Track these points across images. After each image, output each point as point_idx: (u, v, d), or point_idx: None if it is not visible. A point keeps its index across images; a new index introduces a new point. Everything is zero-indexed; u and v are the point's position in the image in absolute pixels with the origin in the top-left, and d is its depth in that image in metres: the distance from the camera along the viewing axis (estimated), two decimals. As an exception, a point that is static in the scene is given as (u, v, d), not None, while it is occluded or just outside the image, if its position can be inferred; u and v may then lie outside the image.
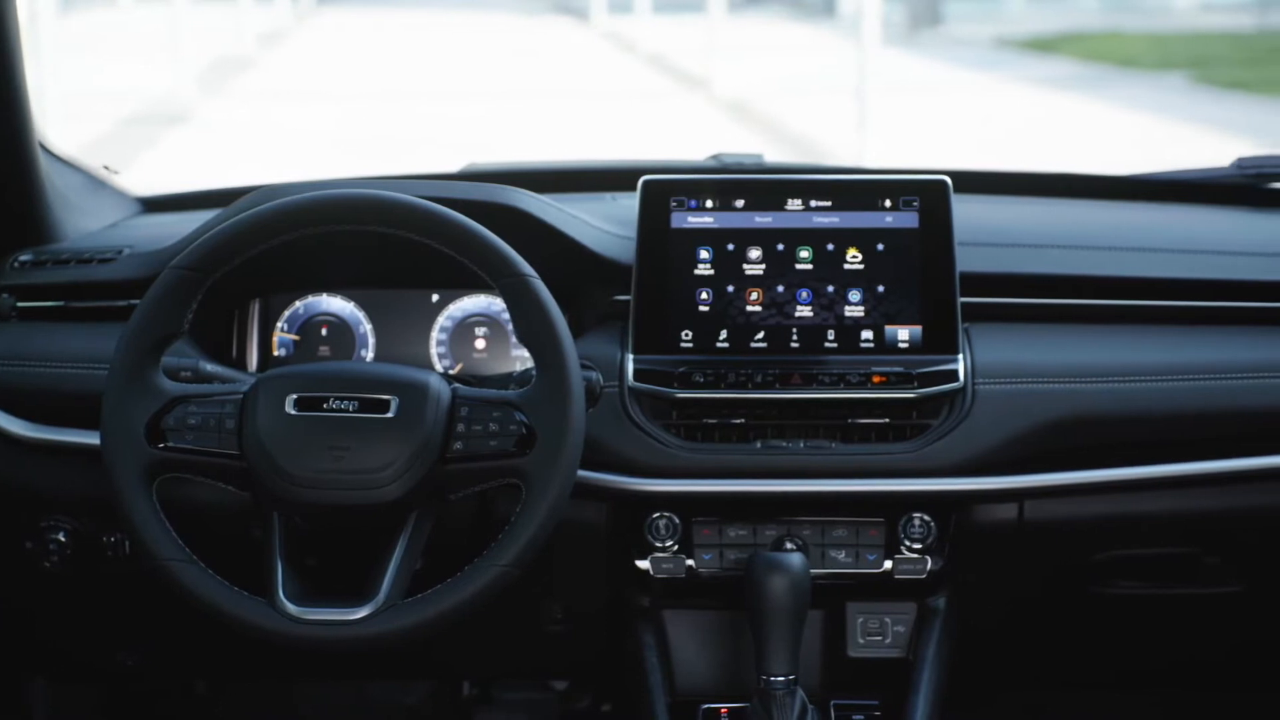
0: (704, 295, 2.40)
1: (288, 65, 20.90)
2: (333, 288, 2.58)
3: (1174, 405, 2.40)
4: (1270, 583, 2.59)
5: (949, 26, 26.03)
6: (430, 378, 2.15)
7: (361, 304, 2.58)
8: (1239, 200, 2.89)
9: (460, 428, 2.12)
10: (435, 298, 2.57)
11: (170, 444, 2.12)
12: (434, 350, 2.57)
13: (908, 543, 2.40)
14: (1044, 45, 22.03)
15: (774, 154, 3.07)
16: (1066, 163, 10.32)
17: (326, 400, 2.11)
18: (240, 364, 2.56)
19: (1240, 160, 2.90)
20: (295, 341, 2.58)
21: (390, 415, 2.10)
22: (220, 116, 15.22)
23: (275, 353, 2.58)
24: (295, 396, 2.12)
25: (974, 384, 2.37)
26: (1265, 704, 3.04)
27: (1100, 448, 2.41)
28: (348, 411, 2.11)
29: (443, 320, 2.57)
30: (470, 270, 2.14)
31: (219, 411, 2.13)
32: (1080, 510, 2.45)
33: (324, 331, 2.58)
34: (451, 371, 2.55)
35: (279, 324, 2.58)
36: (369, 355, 2.57)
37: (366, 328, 2.58)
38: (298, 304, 2.58)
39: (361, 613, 2.08)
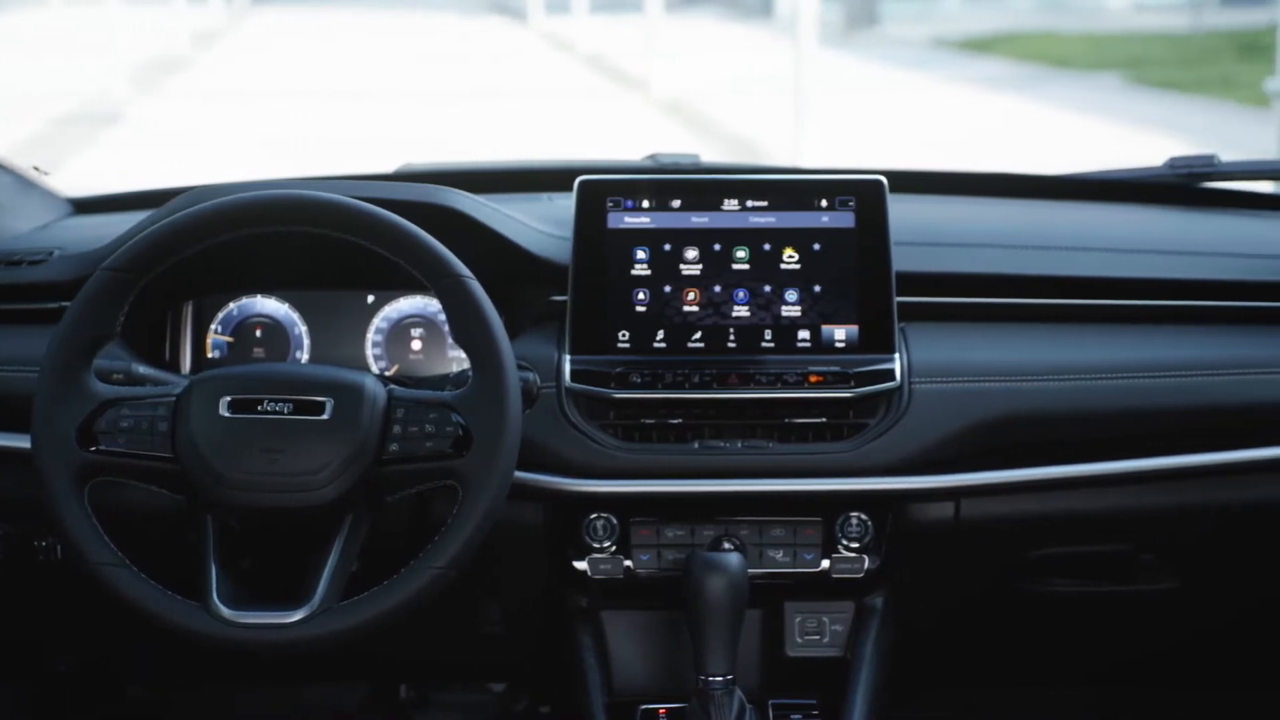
0: (641, 296, 2.40)
1: (223, 65, 20.78)
2: (267, 289, 2.56)
3: (1109, 403, 2.41)
4: (1204, 579, 2.61)
5: (885, 27, 26.12)
6: (366, 379, 2.14)
7: (296, 305, 2.56)
8: (1172, 199, 2.91)
9: (396, 429, 2.11)
10: (371, 299, 2.56)
11: (102, 447, 2.10)
12: (369, 351, 2.55)
13: (845, 542, 2.40)
14: (980, 45, 22.13)
15: (711, 154, 3.07)
16: (1002, 162, 10.37)
17: (261, 402, 2.10)
18: (173, 366, 2.54)
19: (1173, 160, 2.92)
20: (229, 343, 2.56)
21: (325, 417, 2.09)
22: (154, 117, 15.12)
23: (209, 354, 2.56)
24: (229, 399, 2.10)
25: (910, 383, 2.37)
26: (1200, 700, 3.06)
27: (1037, 446, 2.42)
28: (282, 414, 2.09)
29: (378, 321, 2.56)
30: (406, 271, 2.14)
31: (151, 414, 2.11)
32: (1016, 508, 2.46)
33: (258, 333, 2.56)
34: (387, 373, 2.54)
35: (213, 325, 2.56)
36: (304, 357, 2.56)
37: (301, 329, 2.56)
38: (232, 305, 2.56)
39: (296, 616, 2.07)
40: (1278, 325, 2.53)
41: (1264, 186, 3.58)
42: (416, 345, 2.56)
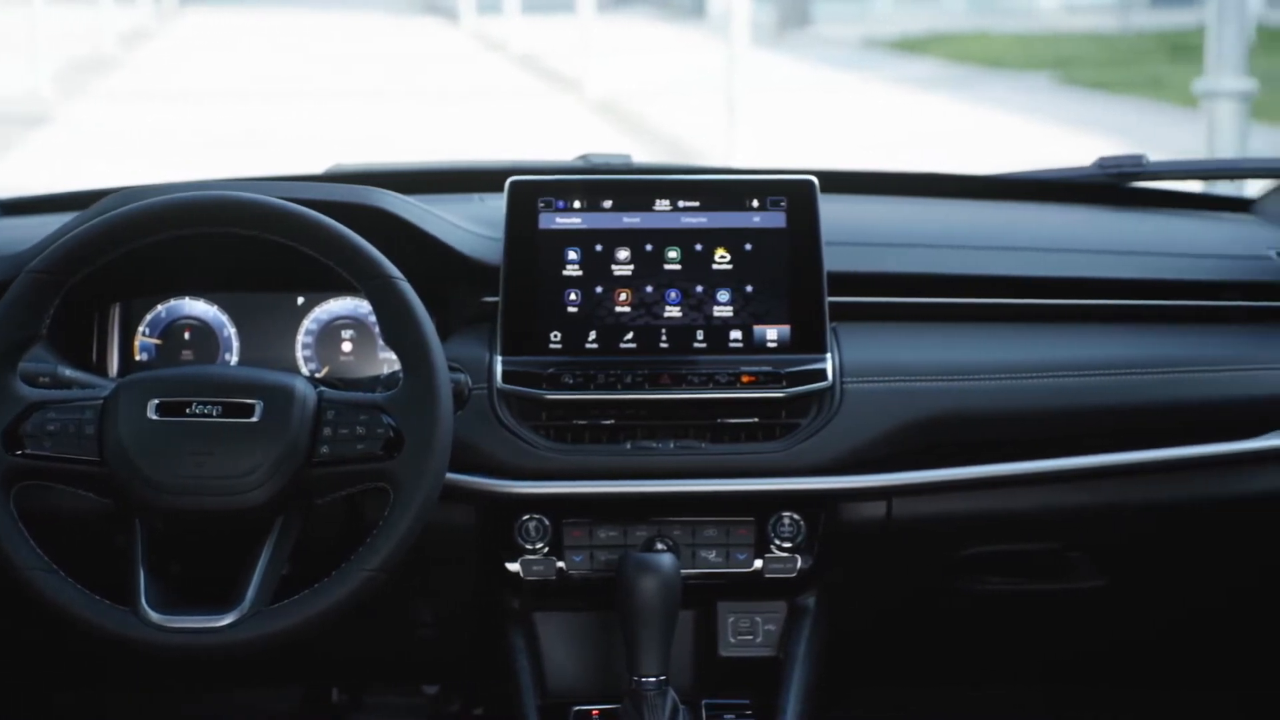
0: (572, 296, 2.39)
1: (152, 66, 20.64)
2: (195, 291, 2.54)
3: (1039, 402, 2.42)
4: (1132, 577, 2.63)
5: (818, 27, 26.20)
6: (295, 381, 2.12)
7: (225, 307, 2.55)
8: (1101, 199, 2.93)
9: (326, 431, 2.10)
10: (300, 300, 2.55)
11: (28, 451, 2.08)
12: (299, 353, 2.54)
13: (777, 542, 2.40)
14: (912, 46, 22.23)
15: (645, 155, 3.08)
16: (933, 162, 10.42)
17: (189, 405, 2.09)
18: (101, 369, 2.52)
19: (1102, 160, 2.93)
20: (157, 346, 2.54)
21: (255, 419, 2.08)
22: (82, 118, 15.00)
23: (137, 357, 2.54)
24: (157, 401, 2.09)
25: (842, 383, 2.38)
26: (1132, 698, 3.08)
27: (967, 445, 2.43)
28: (211, 416, 2.08)
29: (308, 323, 2.54)
30: (336, 273, 2.13)
31: (78, 417, 2.09)
32: (947, 507, 2.47)
33: (187, 335, 2.54)
34: (318, 375, 2.52)
35: (140, 328, 2.54)
36: (233, 359, 2.54)
37: (230, 331, 2.54)
38: (159, 307, 2.54)
39: (226, 620, 2.06)
40: (1205, 324, 2.55)
41: (1192, 186, 3.61)
42: (347, 347, 2.54)
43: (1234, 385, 2.47)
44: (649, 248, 2.41)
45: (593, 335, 2.38)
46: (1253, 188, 3.99)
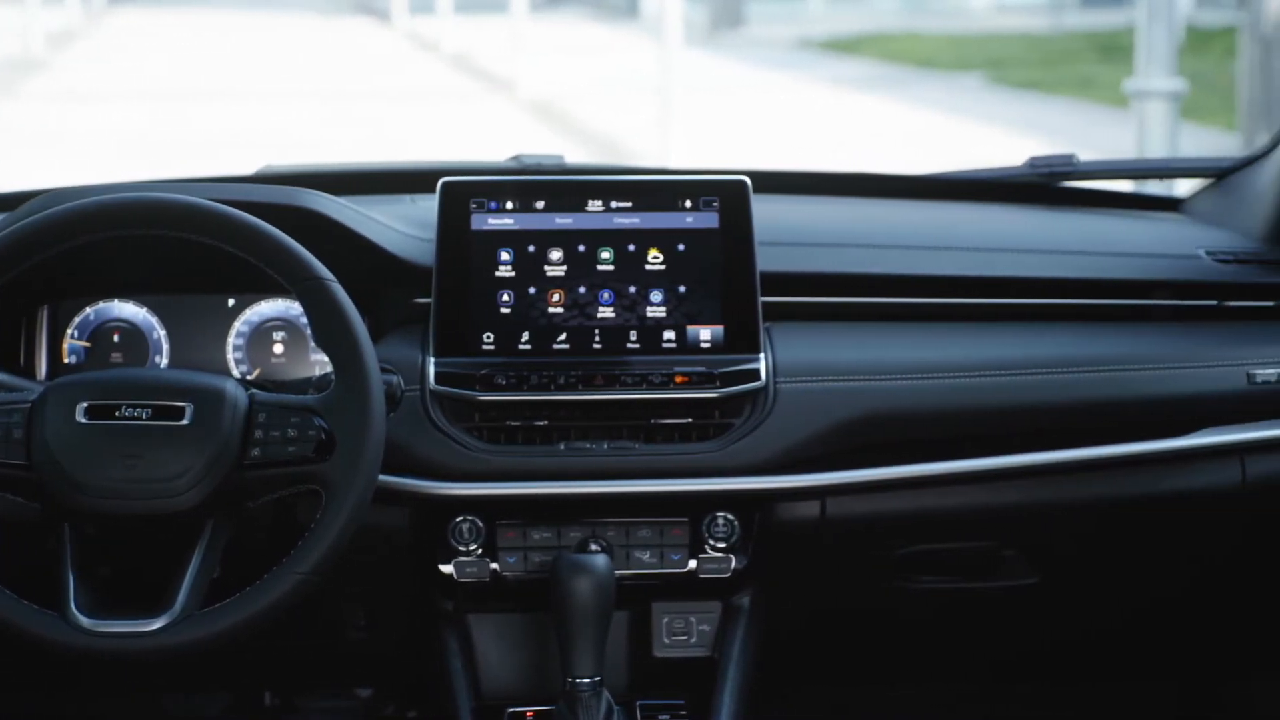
0: (505, 297, 2.39)
1: (80, 66, 20.49)
2: (125, 293, 2.52)
3: (972, 401, 2.43)
4: (1065, 575, 2.64)
5: (751, 27, 26.23)
6: (226, 383, 2.11)
7: (155, 309, 2.53)
8: (1032, 198, 2.95)
9: (258, 434, 2.09)
10: (231, 302, 2.53)
11: (-46, 455, 2.06)
12: (230, 356, 2.52)
13: (712, 542, 2.40)
14: (844, 46, 22.30)
15: (579, 155, 3.08)
16: (866, 162, 10.45)
17: (118, 408, 2.07)
18: (29, 372, 2.49)
19: (1033, 159, 2.95)
20: (86, 348, 2.52)
21: (185, 422, 2.07)
22: (9, 119, 14.87)
23: (65, 360, 2.51)
24: (86, 404, 2.07)
25: (776, 383, 2.38)
26: (1070, 694, 3.09)
27: (901, 444, 2.44)
28: (141, 419, 2.07)
29: (239, 325, 2.53)
30: (267, 274, 2.11)
31: (6, 421, 2.07)
32: (882, 506, 2.48)
33: (116, 338, 2.52)
34: (249, 377, 2.51)
35: (69, 330, 2.52)
36: (163, 362, 2.52)
37: (160, 333, 2.52)
38: (88, 310, 2.52)
39: (157, 624, 2.04)
40: (1135, 323, 2.57)
41: (1122, 185, 3.64)
42: (278, 349, 2.53)
43: (1164, 384, 2.48)
44: (582, 248, 2.40)
45: (526, 336, 2.38)
46: (1182, 187, 4.02)
